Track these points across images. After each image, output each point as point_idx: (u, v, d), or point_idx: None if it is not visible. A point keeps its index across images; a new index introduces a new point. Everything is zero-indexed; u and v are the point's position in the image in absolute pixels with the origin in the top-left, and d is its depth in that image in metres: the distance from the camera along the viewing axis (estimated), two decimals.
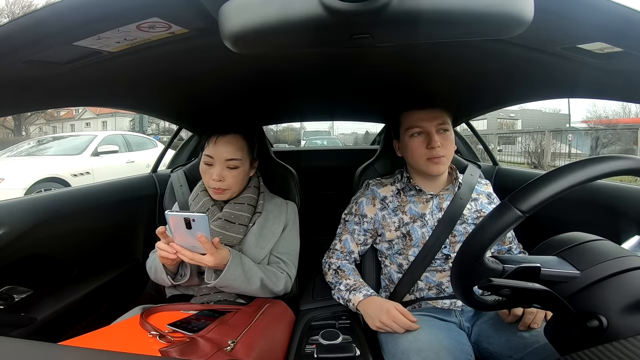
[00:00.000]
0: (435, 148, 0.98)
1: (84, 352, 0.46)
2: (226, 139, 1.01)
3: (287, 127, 28.22)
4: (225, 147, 1.00)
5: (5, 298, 1.01)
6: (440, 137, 1.00)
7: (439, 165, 1.00)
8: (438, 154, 0.99)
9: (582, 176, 0.45)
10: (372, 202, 1.11)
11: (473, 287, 0.53)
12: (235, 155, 1.01)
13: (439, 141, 0.99)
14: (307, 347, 0.88)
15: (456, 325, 0.96)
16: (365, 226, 1.11)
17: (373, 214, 1.10)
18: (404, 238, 1.04)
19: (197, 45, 0.66)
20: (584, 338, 0.45)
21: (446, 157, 1.01)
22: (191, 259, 0.85)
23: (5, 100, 0.75)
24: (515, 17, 0.40)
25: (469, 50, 0.74)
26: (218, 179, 0.99)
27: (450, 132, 1.03)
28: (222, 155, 1.00)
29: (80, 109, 24.86)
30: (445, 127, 1.01)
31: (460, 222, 1.02)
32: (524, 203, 0.46)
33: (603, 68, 0.67)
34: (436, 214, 1.04)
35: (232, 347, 0.77)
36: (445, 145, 1.00)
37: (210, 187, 1.02)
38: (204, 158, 1.03)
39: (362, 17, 0.38)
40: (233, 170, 1.02)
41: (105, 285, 1.27)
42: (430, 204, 1.05)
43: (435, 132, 1.00)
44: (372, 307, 0.95)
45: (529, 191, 0.46)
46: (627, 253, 0.49)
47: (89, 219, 1.26)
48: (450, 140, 1.02)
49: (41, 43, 0.54)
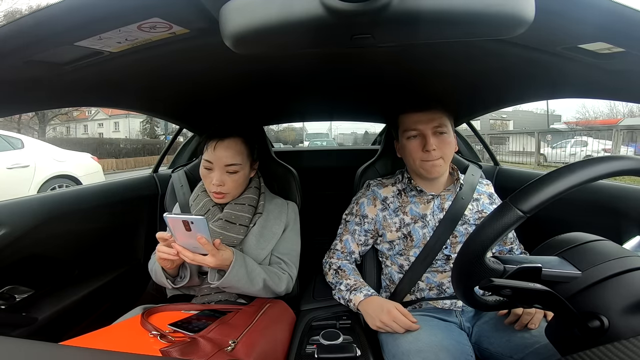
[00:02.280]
0: (430, 151, 0.98)
1: (85, 352, 0.46)
2: (225, 143, 1.00)
3: (287, 127, 28.47)
4: (225, 152, 0.99)
5: (7, 298, 1.01)
6: (437, 139, 0.99)
7: (435, 168, 1.00)
8: (434, 157, 0.98)
9: (583, 176, 0.45)
10: (373, 202, 1.11)
11: (474, 287, 0.53)
12: (235, 160, 1.00)
13: (435, 144, 0.98)
14: (307, 347, 0.88)
15: (456, 325, 0.96)
16: (366, 227, 1.11)
17: (374, 214, 1.10)
18: (404, 239, 1.04)
19: (197, 46, 0.66)
20: (585, 338, 0.45)
21: (443, 160, 1.00)
22: (193, 260, 0.85)
23: (7, 101, 0.75)
24: (516, 17, 0.40)
25: (469, 50, 0.74)
26: (218, 183, 0.99)
27: (448, 134, 1.01)
28: (222, 160, 0.99)
29: (93, 110, 25.06)
30: (442, 130, 1.00)
31: (462, 223, 1.02)
32: (525, 203, 0.46)
33: (604, 68, 0.67)
34: (437, 215, 1.03)
35: (232, 347, 0.77)
36: (442, 148, 0.99)
37: (211, 191, 1.02)
38: (203, 163, 1.02)
39: (363, 17, 0.38)
40: (233, 175, 1.01)
41: (106, 286, 1.27)
42: (432, 204, 1.05)
43: (432, 135, 0.99)
44: (372, 307, 0.95)
45: (530, 191, 0.46)
46: (629, 253, 0.49)
47: (90, 219, 1.26)
48: (448, 143, 1.01)
49: (42, 43, 0.54)
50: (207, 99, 1.21)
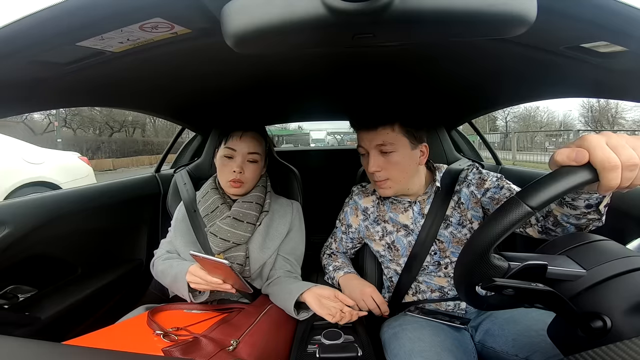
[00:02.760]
0: (373, 173, 0.94)
1: (88, 351, 0.47)
2: (250, 134, 1.06)
3: (296, 129, 29.05)
4: (250, 141, 1.05)
5: (10, 297, 1.02)
6: (382, 159, 0.92)
7: (383, 189, 0.96)
8: (378, 177, 0.94)
9: (592, 174, 0.45)
10: (355, 212, 1.13)
11: (476, 285, 0.52)
12: (257, 149, 1.07)
13: (379, 164, 0.92)
14: (309, 347, 0.87)
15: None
16: (352, 235, 1.15)
17: (357, 224, 1.12)
18: (390, 249, 1.04)
19: (200, 46, 0.66)
20: (588, 338, 0.45)
21: (392, 182, 0.94)
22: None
23: (9, 101, 0.76)
24: (518, 16, 0.39)
25: (470, 49, 0.74)
26: (239, 170, 1.02)
27: (397, 152, 0.91)
28: (245, 148, 1.04)
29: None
30: (387, 149, 0.91)
31: (445, 226, 0.99)
32: (534, 199, 0.45)
33: (607, 67, 0.66)
34: (419, 221, 1.00)
35: (234, 346, 0.78)
36: (387, 169, 0.92)
37: (228, 180, 1.03)
38: (224, 151, 1.05)
39: (365, 17, 0.38)
40: (252, 164, 1.06)
41: (108, 285, 1.27)
42: (410, 212, 1.02)
43: (377, 154, 0.92)
44: (349, 283, 1.03)
45: (540, 187, 0.46)
46: (633, 253, 0.48)
47: (93, 219, 1.26)
48: (395, 163, 0.92)
49: (44, 43, 0.54)
50: (210, 98, 1.21)
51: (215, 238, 1.00)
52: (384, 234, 1.05)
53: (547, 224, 0.75)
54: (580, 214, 0.66)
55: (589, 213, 0.65)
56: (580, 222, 0.68)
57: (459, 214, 0.99)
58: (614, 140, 0.46)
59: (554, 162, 0.48)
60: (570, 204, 0.65)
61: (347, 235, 1.15)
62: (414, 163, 0.95)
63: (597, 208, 0.63)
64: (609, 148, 0.45)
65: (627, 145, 0.45)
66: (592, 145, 0.45)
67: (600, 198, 0.61)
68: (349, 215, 1.14)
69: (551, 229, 0.75)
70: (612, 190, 0.47)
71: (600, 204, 0.63)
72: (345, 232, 1.15)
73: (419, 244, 0.98)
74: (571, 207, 0.65)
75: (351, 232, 1.13)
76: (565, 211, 0.68)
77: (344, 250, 1.19)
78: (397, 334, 0.89)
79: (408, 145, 0.93)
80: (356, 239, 1.15)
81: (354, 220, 1.12)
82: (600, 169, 0.45)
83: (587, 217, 0.66)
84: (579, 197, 0.62)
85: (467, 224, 0.98)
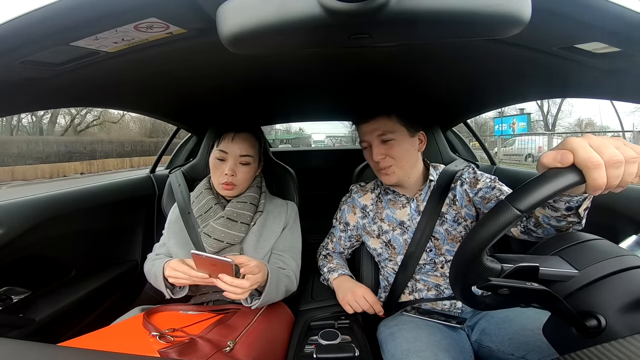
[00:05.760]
0: (378, 161, 0.99)
1: (83, 353, 0.46)
2: (242, 136, 1.05)
3: (297, 131, 30.61)
4: (242, 143, 1.04)
5: (3, 299, 1.01)
6: (384, 147, 0.98)
7: (388, 176, 1.00)
8: (383, 165, 0.99)
9: (578, 175, 0.46)
10: (353, 210, 1.14)
11: (471, 286, 0.53)
12: (249, 152, 1.05)
13: (382, 152, 0.97)
14: (306, 348, 0.88)
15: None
16: (349, 233, 1.16)
17: (355, 222, 1.13)
18: (387, 247, 1.05)
19: (195, 46, 0.65)
20: (583, 337, 0.45)
21: (396, 167, 0.99)
22: (231, 283, 0.81)
23: (1, 101, 0.75)
24: (512, 16, 0.40)
25: (465, 49, 0.74)
26: (231, 173, 1.02)
27: (397, 140, 0.98)
28: (237, 151, 1.03)
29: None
30: (387, 137, 0.98)
31: (440, 223, 1.00)
32: (522, 202, 0.46)
33: (600, 68, 0.67)
34: (415, 219, 1.02)
35: (231, 347, 0.77)
36: (391, 154, 0.98)
37: (220, 182, 1.03)
38: (216, 153, 1.04)
39: (361, 17, 0.38)
40: (245, 167, 1.05)
41: (103, 286, 1.26)
42: (408, 209, 1.04)
43: (379, 144, 0.98)
44: (342, 285, 1.05)
45: (527, 191, 0.46)
46: (625, 252, 0.49)
47: (87, 219, 1.25)
48: (397, 149, 0.98)
49: (38, 44, 0.54)
50: (205, 99, 1.20)
51: (209, 238, 1.00)
52: (380, 232, 1.06)
53: (529, 225, 0.77)
54: (560, 216, 0.66)
55: (569, 216, 0.65)
56: (560, 225, 0.68)
57: (454, 211, 1.01)
58: (595, 141, 0.47)
59: (541, 165, 0.49)
60: (551, 205, 0.65)
61: (345, 234, 1.16)
62: (413, 149, 1.02)
63: (577, 211, 0.63)
64: (592, 148, 0.46)
65: (609, 144, 0.47)
66: (575, 147, 0.46)
67: (580, 201, 0.62)
68: (346, 213, 1.15)
69: (532, 230, 0.77)
70: (602, 191, 0.48)
71: (580, 207, 0.63)
72: (343, 230, 1.16)
73: (415, 242, 1.00)
74: (552, 209, 0.66)
75: (349, 229, 1.15)
76: (547, 213, 0.68)
77: (340, 250, 1.20)
78: (393, 333, 0.89)
79: (407, 132, 1.00)
80: (354, 236, 1.15)
81: (352, 218, 1.13)
82: (584, 169, 0.45)
83: (567, 219, 0.66)
84: (560, 199, 0.63)
85: (462, 222, 0.99)
